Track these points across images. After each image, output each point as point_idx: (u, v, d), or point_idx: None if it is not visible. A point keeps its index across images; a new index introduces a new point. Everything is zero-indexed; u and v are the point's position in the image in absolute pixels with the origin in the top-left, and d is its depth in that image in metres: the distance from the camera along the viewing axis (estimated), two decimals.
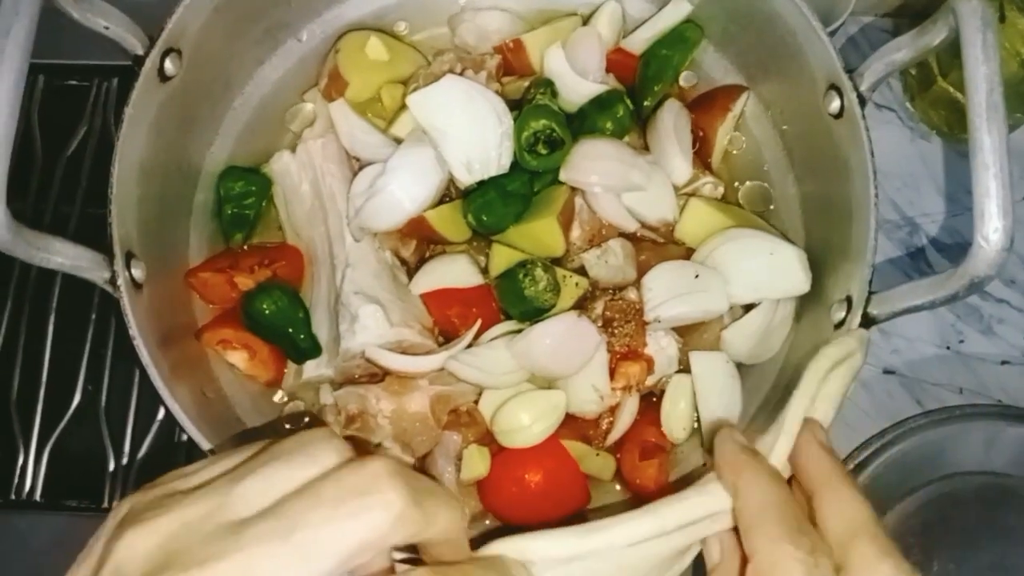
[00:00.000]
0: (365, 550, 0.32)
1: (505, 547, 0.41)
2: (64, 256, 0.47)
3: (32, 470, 0.70)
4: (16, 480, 0.69)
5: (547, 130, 0.56)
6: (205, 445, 0.49)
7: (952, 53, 0.66)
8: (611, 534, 0.42)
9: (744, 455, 0.43)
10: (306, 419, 0.60)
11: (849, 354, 0.47)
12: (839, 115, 0.53)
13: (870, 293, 0.49)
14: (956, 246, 0.72)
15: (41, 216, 0.74)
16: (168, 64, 0.53)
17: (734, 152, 0.64)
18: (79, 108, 0.78)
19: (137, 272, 0.51)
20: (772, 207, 0.63)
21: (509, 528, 0.55)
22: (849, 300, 0.51)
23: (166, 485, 0.35)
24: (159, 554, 0.31)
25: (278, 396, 0.61)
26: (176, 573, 0.31)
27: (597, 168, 0.56)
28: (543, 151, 0.57)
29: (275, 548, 0.31)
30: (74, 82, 0.78)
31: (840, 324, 0.51)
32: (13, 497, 0.69)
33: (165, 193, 0.57)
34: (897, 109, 0.75)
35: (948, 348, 0.70)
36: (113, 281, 0.49)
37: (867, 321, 0.49)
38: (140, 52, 0.52)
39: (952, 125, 0.72)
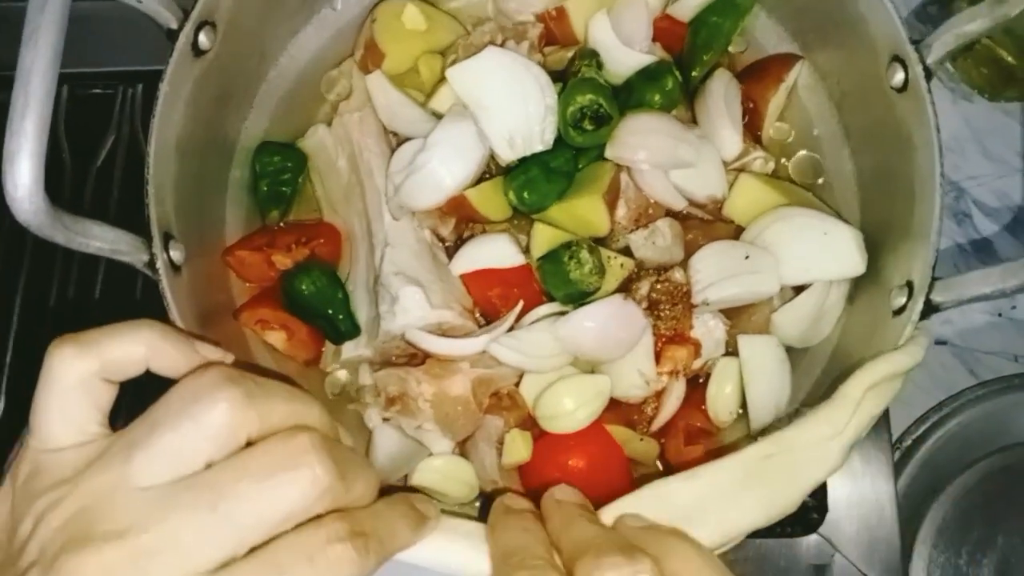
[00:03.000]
0: (289, 520, 0.33)
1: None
2: (102, 240, 0.46)
3: None
4: None
5: (594, 105, 0.54)
6: None
7: None
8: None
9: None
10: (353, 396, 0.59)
11: (895, 374, 0.45)
12: (903, 89, 0.50)
13: (933, 279, 0.47)
14: (1004, 209, 0.69)
15: None
16: (203, 38, 0.51)
17: (786, 125, 0.62)
18: (106, 117, 0.74)
19: (175, 254, 0.50)
20: (825, 183, 0.60)
21: None
22: (910, 285, 0.48)
23: (45, 475, 0.34)
24: (75, 527, 0.32)
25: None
26: (99, 544, 0.31)
27: (645, 144, 0.54)
28: (589, 127, 0.54)
29: (201, 518, 0.32)
30: (98, 90, 0.75)
31: (900, 311, 0.49)
32: None
33: (201, 170, 0.56)
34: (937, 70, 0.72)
35: (1000, 315, 0.68)
36: (152, 264, 0.48)
37: (929, 308, 0.47)
38: (174, 26, 0.50)
39: (996, 84, 0.69)
